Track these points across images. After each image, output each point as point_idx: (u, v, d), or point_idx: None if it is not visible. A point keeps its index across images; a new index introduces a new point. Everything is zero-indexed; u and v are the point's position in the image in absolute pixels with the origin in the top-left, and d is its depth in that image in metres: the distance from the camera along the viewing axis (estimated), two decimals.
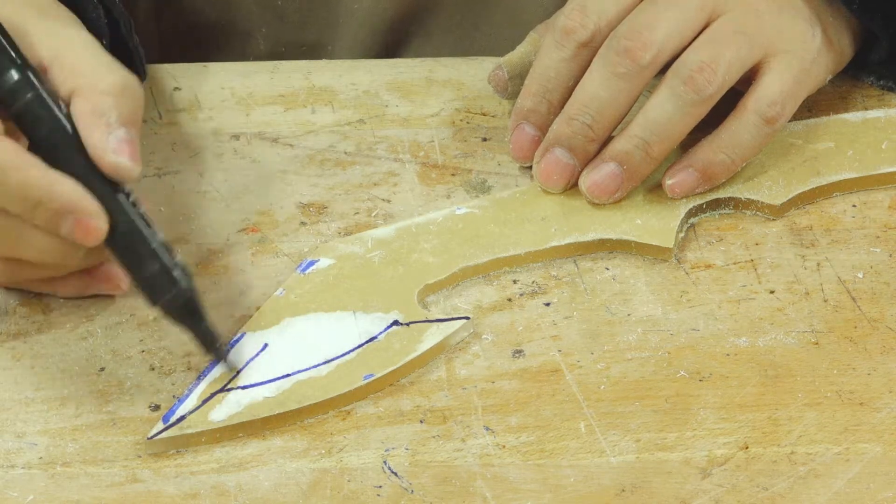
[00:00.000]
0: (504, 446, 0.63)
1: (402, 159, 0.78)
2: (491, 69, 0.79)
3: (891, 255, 0.72)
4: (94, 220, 0.63)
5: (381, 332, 0.66)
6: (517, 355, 0.67)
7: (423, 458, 0.63)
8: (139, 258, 0.64)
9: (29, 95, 0.64)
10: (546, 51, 0.74)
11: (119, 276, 0.69)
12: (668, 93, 0.71)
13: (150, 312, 0.70)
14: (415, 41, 0.92)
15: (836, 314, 0.69)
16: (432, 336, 0.66)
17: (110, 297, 0.70)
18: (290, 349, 0.66)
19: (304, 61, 0.85)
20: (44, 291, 0.70)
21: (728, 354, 0.67)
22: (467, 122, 0.81)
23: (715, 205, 0.74)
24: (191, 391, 0.64)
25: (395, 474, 0.62)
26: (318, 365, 0.65)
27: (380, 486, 0.62)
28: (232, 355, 0.66)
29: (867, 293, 0.70)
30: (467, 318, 0.67)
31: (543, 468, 0.63)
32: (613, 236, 0.72)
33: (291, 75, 0.84)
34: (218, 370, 0.65)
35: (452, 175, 0.77)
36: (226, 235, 0.73)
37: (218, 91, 0.83)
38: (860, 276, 0.71)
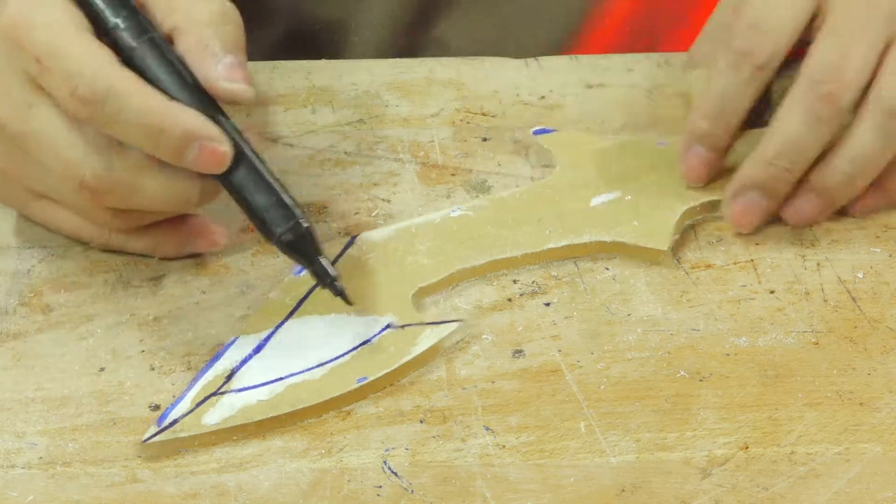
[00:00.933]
0: (504, 446, 0.63)
1: (402, 159, 0.78)
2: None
3: (891, 255, 0.72)
4: (220, 145, 0.65)
5: (375, 335, 0.66)
6: (517, 355, 0.67)
7: (423, 458, 0.63)
8: (255, 191, 0.66)
9: (143, 38, 0.66)
10: (722, 73, 0.72)
11: (215, 230, 0.71)
12: (871, 126, 0.70)
13: (150, 312, 0.70)
14: (442, 16, 0.91)
15: (836, 314, 0.69)
16: (427, 339, 0.66)
17: (110, 296, 0.70)
18: (284, 352, 0.66)
19: (304, 61, 0.85)
20: (142, 253, 0.72)
21: (728, 354, 0.67)
22: (467, 122, 0.81)
23: (710, 207, 0.74)
24: (185, 394, 0.64)
25: (395, 474, 0.62)
26: (312, 368, 0.65)
27: (380, 486, 0.62)
28: (343, 287, 0.67)
29: (867, 293, 0.70)
30: (461, 320, 0.67)
31: (543, 468, 0.63)
32: (608, 239, 0.72)
33: (291, 75, 0.84)
34: (212, 373, 0.65)
35: (452, 175, 0.77)
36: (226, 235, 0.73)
37: None
38: (860, 276, 0.71)
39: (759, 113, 0.75)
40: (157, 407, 0.65)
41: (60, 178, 0.67)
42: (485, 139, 0.80)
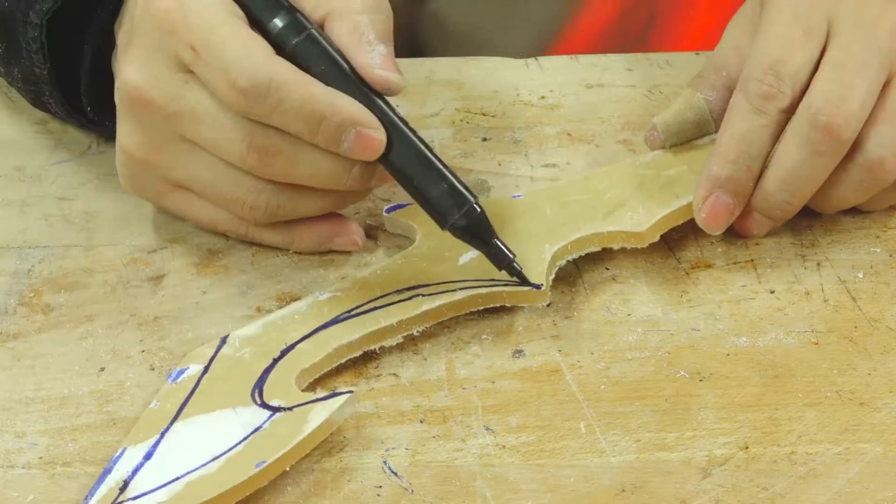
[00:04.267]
0: (504, 446, 0.63)
1: None
2: (646, 130, 0.76)
3: (891, 255, 0.72)
4: (375, 132, 0.66)
5: (265, 422, 0.63)
6: (517, 355, 0.67)
7: (423, 458, 0.63)
8: (424, 177, 0.66)
9: (301, 35, 0.66)
10: (743, 116, 0.71)
11: (355, 230, 0.71)
12: (857, 173, 0.71)
13: (150, 312, 0.70)
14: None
15: (836, 314, 0.69)
16: (318, 414, 0.63)
17: (110, 296, 0.70)
18: (176, 454, 0.62)
19: None
20: (277, 246, 0.72)
21: (728, 354, 0.67)
22: (467, 122, 0.81)
23: (579, 245, 0.71)
24: None
25: (395, 474, 0.62)
26: (208, 462, 0.62)
27: (380, 486, 0.62)
28: (520, 268, 0.67)
29: (867, 293, 0.70)
30: (351, 391, 0.64)
31: (543, 468, 0.63)
32: (483, 290, 0.69)
33: None
34: (104, 487, 0.61)
35: None
36: (226, 235, 0.73)
37: None
38: (860, 276, 0.71)
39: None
40: None
41: (222, 150, 0.67)
42: (485, 139, 0.80)
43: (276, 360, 0.66)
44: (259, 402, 0.64)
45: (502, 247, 0.67)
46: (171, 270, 0.72)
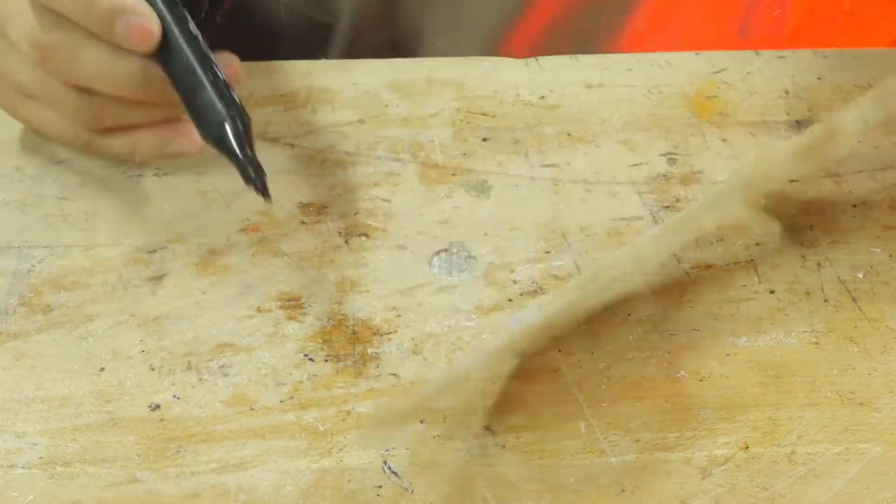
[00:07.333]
0: (504, 446, 0.63)
1: (402, 159, 0.78)
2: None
3: (891, 255, 0.73)
4: (146, 21, 0.66)
5: None
6: (517, 355, 0.67)
7: (423, 458, 0.63)
8: (190, 82, 0.66)
9: None
10: None
11: (193, 130, 0.71)
12: None
13: (150, 312, 0.70)
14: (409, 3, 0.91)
15: (836, 314, 0.69)
16: None
17: (110, 296, 0.70)
18: None
19: (304, 61, 0.85)
20: (122, 157, 0.73)
21: (728, 354, 0.67)
22: (467, 122, 0.81)
23: None
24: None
25: (395, 474, 0.62)
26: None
27: (380, 486, 0.62)
28: (265, 184, 0.66)
29: (867, 293, 0.70)
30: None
31: (543, 468, 0.63)
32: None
33: (291, 75, 0.84)
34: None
35: (452, 175, 0.77)
36: (226, 235, 0.73)
37: None
38: (860, 276, 0.71)
39: None
40: (157, 407, 0.65)
41: (22, 47, 0.69)
42: (485, 139, 0.80)
43: None
44: None
45: (249, 163, 0.66)
46: (171, 270, 0.72)
